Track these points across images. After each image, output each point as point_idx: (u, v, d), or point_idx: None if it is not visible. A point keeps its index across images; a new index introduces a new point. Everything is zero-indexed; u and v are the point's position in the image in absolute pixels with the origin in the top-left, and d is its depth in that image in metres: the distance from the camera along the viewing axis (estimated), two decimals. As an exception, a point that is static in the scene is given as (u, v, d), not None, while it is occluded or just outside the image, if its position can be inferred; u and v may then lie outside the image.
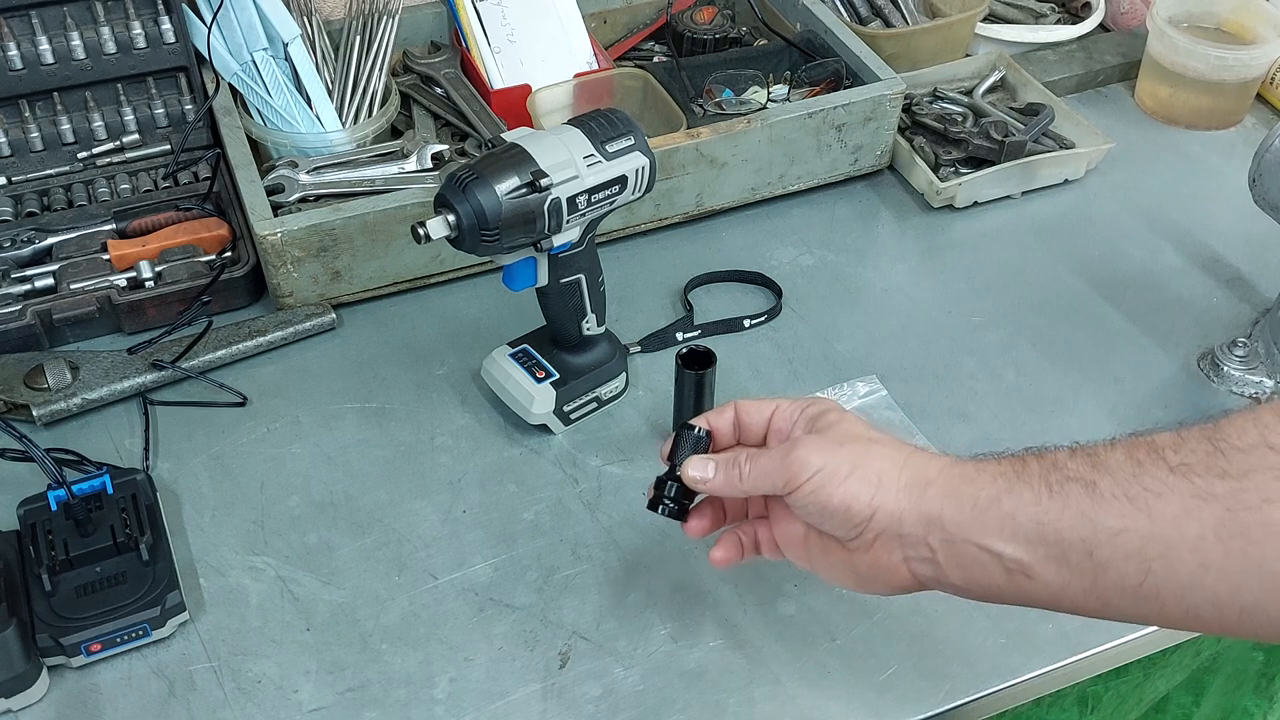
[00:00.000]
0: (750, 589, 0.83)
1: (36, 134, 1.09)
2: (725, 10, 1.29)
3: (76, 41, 1.06)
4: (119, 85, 1.10)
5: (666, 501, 0.71)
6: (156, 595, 0.77)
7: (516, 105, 1.13)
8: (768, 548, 0.71)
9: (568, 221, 0.82)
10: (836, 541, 0.65)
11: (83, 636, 0.75)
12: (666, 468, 0.71)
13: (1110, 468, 0.55)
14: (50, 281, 0.99)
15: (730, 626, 0.80)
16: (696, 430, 0.70)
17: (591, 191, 0.82)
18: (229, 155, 1.04)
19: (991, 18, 1.33)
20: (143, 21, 1.07)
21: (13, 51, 1.04)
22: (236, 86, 1.10)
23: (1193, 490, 0.52)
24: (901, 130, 1.19)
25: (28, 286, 0.99)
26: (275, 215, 0.97)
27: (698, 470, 0.68)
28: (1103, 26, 1.38)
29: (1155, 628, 0.81)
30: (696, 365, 0.86)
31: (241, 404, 0.95)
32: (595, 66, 1.19)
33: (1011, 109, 1.23)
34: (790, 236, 1.12)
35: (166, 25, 1.08)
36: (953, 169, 1.17)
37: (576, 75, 1.16)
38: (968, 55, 1.30)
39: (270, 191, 1.01)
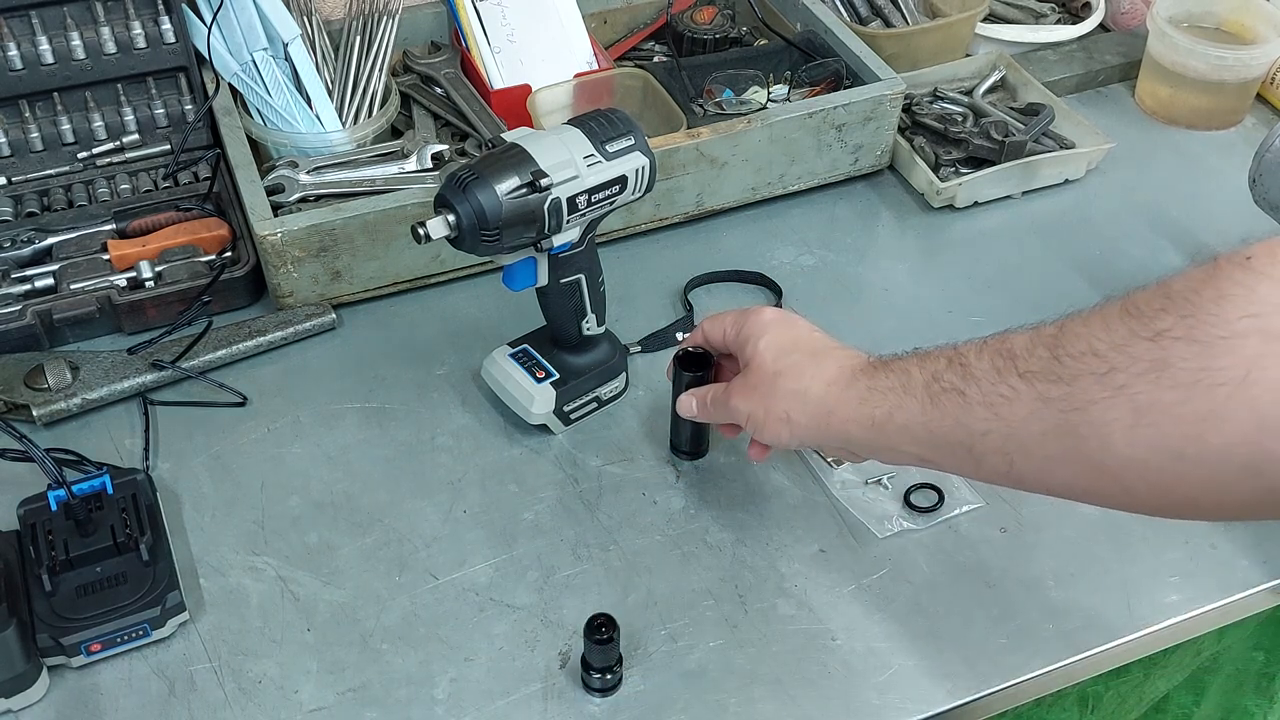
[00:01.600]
0: (750, 589, 0.83)
1: (36, 134, 1.09)
2: (725, 10, 1.29)
3: (76, 41, 1.06)
4: (119, 85, 1.10)
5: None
6: (157, 595, 0.77)
7: (516, 105, 1.13)
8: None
9: (568, 221, 0.82)
10: None
11: (83, 636, 0.75)
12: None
13: (976, 377, 0.64)
14: (50, 281, 0.99)
15: (730, 626, 0.80)
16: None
17: (591, 191, 0.82)
18: (229, 155, 1.04)
19: (991, 18, 1.32)
20: (143, 21, 1.07)
21: (13, 51, 1.04)
22: (236, 86, 1.10)
23: (1035, 394, 0.60)
24: (902, 130, 1.19)
25: (28, 286, 0.99)
26: (275, 215, 0.97)
27: (684, 409, 0.85)
28: (1103, 26, 1.38)
29: (1158, 625, 0.81)
30: (693, 367, 0.86)
31: (241, 404, 0.95)
32: (595, 66, 1.19)
33: (1011, 109, 1.23)
34: (790, 236, 1.12)
35: (166, 25, 1.08)
36: (953, 169, 1.17)
37: (576, 75, 1.16)
38: (968, 55, 1.30)
39: (270, 191, 1.01)
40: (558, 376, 0.91)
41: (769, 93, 1.15)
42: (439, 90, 1.19)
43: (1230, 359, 0.53)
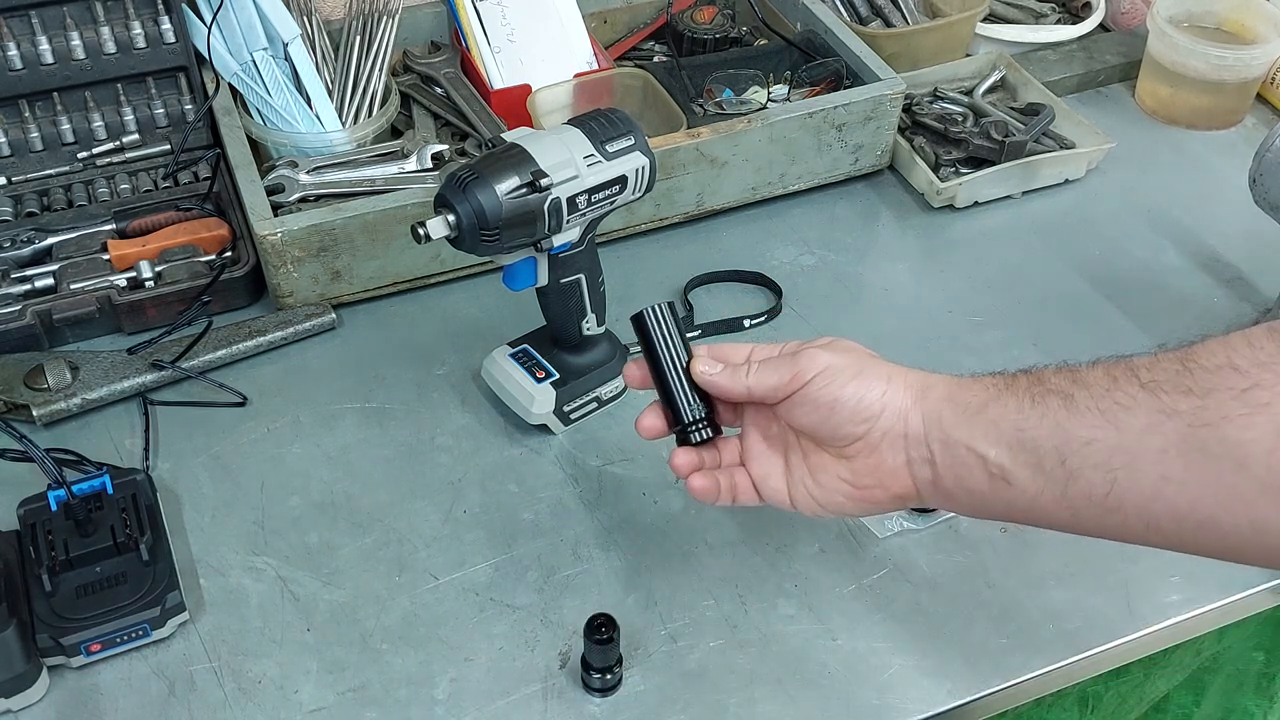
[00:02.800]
0: (750, 589, 0.83)
1: (36, 134, 1.09)
2: (725, 10, 1.29)
3: (76, 41, 1.06)
4: (119, 85, 1.10)
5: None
6: (156, 595, 0.77)
7: (516, 105, 1.13)
8: (745, 493, 0.71)
9: (568, 221, 0.82)
10: (831, 455, 0.66)
11: (83, 636, 0.75)
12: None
13: (1088, 383, 0.58)
14: (50, 281, 0.99)
15: (730, 626, 0.80)
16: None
17: (591, 191, 0.82)
18: (229, 155, 1.04)
19: (992, 17, 1.32)
20: (143, 21, 1.07)
21: (13, 51, 1.04)
22: (236, 86, 1.10)
23: (1159, 406, 0.54)
24: (902, 130, 1.19)
25: (28, 286, 0.99)
26: (275, 215, 0.97)
27: (705, 365, 0.70)
28: (1103, 26, 1.38)
29: (1159, 624, 0.81)
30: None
31: (241, 404, 0.95)
32: (595, 66, 1.19)
33: (1012, 109, 1.23)
34: (790, 236, 1.12)
35: (166, 25, 1.08)
36: (953, 169, 1.17)
37: (576, 75, 1.16)
38: (968, 55, 1.30)
39: (270, 191, 1.01)
40: (558, 376, 0.91)
41: (769, 93, 1.15)
42: (439, 90, 1.19)
43: None
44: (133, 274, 1.00)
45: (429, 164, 1.09)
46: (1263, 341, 0.53)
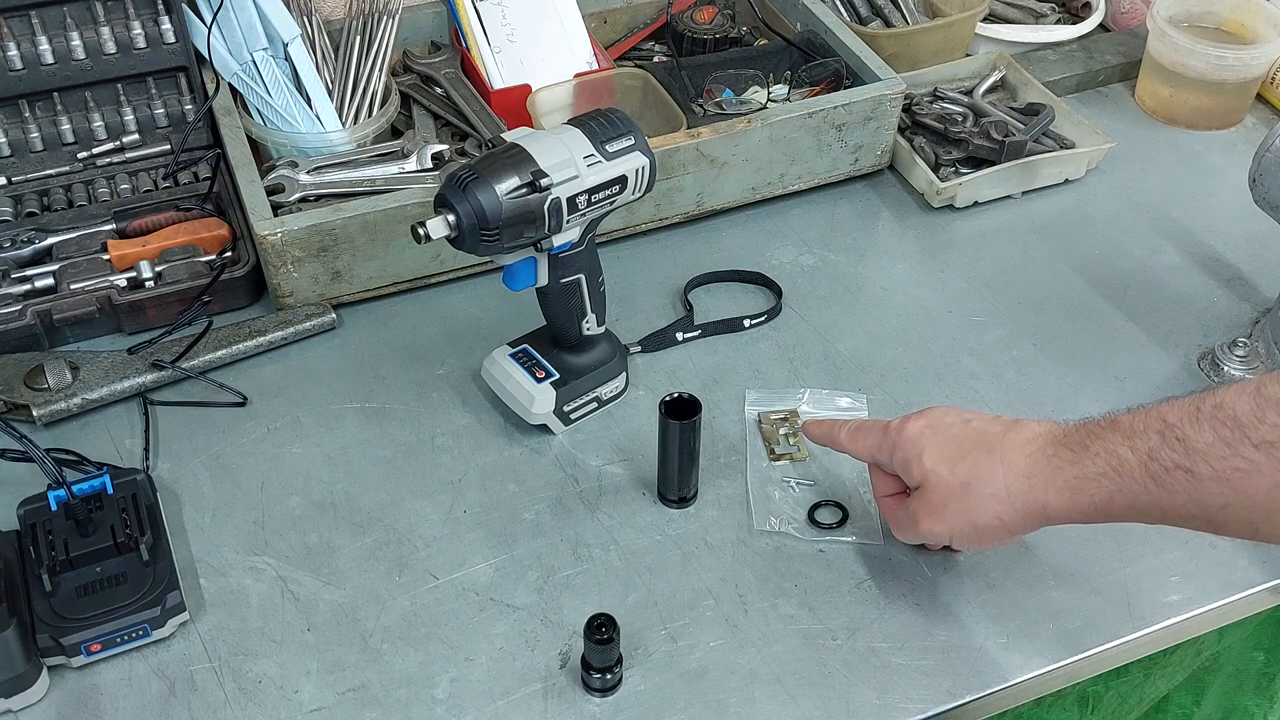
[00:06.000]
0: (750, 589, 0.83)
1: (36, 134, 1.09)
2: (725, 10, 1.29)
3: (76, 41, 1.06)
4: (119, 85, 1.10)
5: None
6: (157, 595, 0.77)
7: (516, 105, 1.13)
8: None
9: (568, 221, 0.82)
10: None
11: (83, 636, 0.75)
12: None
13: (1201, 451, 0.61)
14: (50, 281, 0.99)
15: (730, 626, 0.80)
16: None
17: (591, 191, 0.82)
18: (229, 155, 1.04)
19: (991, 18, 1.33)
20: (143, 21, 1.07)
21: (13, 51, 1.04)
22: (236, 86, 1.10)
23: (1277, 465, 0.58)
24: (902, 130, 1.19)
25: (28, 286, 0.99)
26: (275, 215, 0.97)
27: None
28: (1103, 26, 1.38)
29: (1159, 624, 0.81)
30: (681, 414, 0.82)
31: (241, 404, 0.95)
32: (595, 66, 1.19)
33: (1011, 109, 1.23)
34: (790, 236, 1.12)
35: (166, 25, 1.08)
36: (953, 169, 1.17)
37: (576, 75, 1.16)
38: (968, 55, 1.30)
39: (270, 191, 1.01)
40: (558, 376, 0.91)
41: (769, 93, 1.15)
42: (439, 90, 1.19)
43: None
44: (133, 274, 1.00)
45: (429, 164, 1.09)
46: None
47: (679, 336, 1.01)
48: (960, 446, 0.72)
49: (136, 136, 1.12)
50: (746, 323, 1.02)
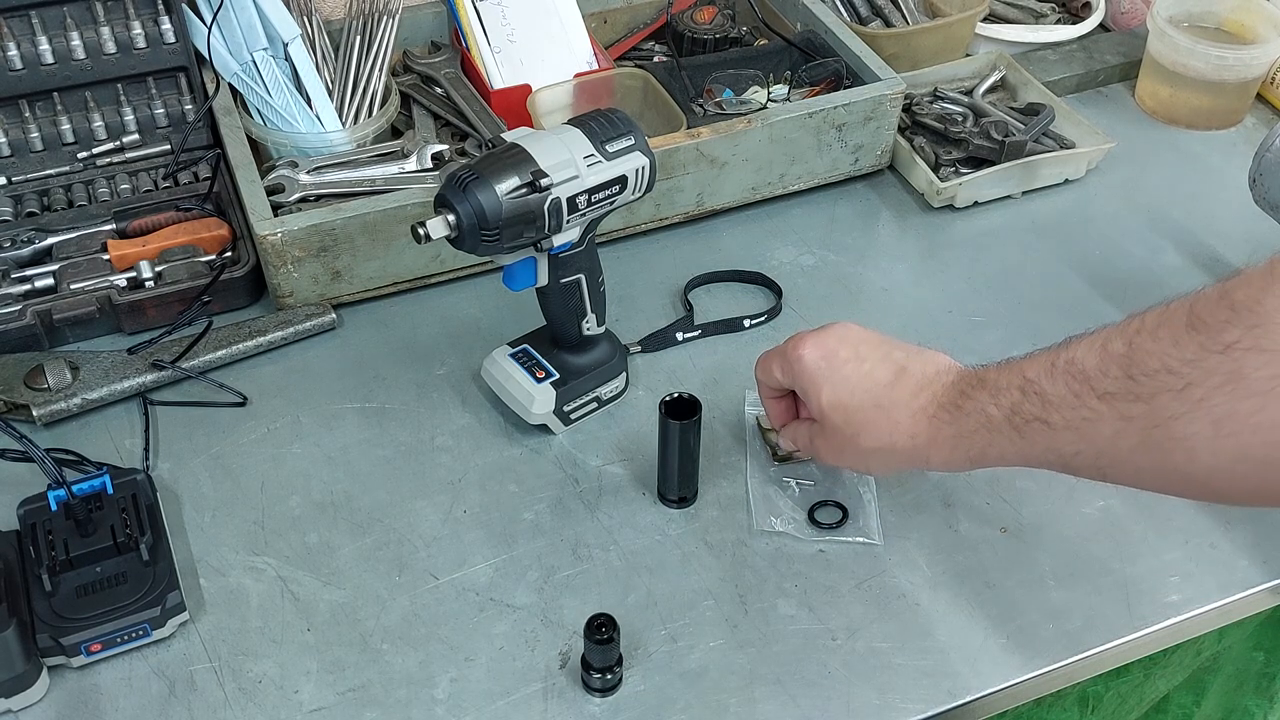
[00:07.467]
0: (750, 589, 0.83)
1: (36, 134, 1.09)
2: (725, 10, 1.29)
3: (76, 41, 1.06)
4: (119, 85, 1.10)
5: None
6: (157, 595, 0.77)
7: (516, 105, 1.13)
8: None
9: (568, 221, 0.82)
10: None
11: (83, 636, 0.75)
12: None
13: (1055, 403, 0.66)
14: (50, 281, 0.99)
15: (730, 626, 0.80)
16: None
17: (591, 191, 0.82)
18: (229, 155, 1.04)
19: (991, 18, 1.32)
20: (143, 21, 1.07)
21: (13, 51, 1.04)
22: (236, 86, 1.10)
23: (1117, 414, 0.62)
24: (902, 130, 1.19)
25: (28, 286, 0.99)
26: (275, 215, 0.97)
27: (786, 446, 0.88)
28: (1103, 26, 1.38)
29: (1159, 624, 0.81)
30: (681, 414, 0.82)
31: (241, 404, 0.95)
32: (595, 66, 1.19)
33: (1012, 109, 1.23)
34: (790, 236, 1.12)
35: (166, 25, 1.08)
36: (953, 169, 1.17)
37: (576, 75, 1.16)
38: (968, 55, 1.30)
39: (270, 191, 1.01)
40: (558, 376, 0.91)
41: (769, 93, 1.15)
42: (439, 90, 1.19)
43: None
44: (133, 274, 1.00)
45: (429, 164, 1.09)
46: (1184, 339, 0.59)
47: (679, 336, 1.01)
48: (854, 395, 0.78)
49: (136, 136, 1.12)
50: (746, 323, 1.02)
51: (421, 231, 0.78)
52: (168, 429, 0.93)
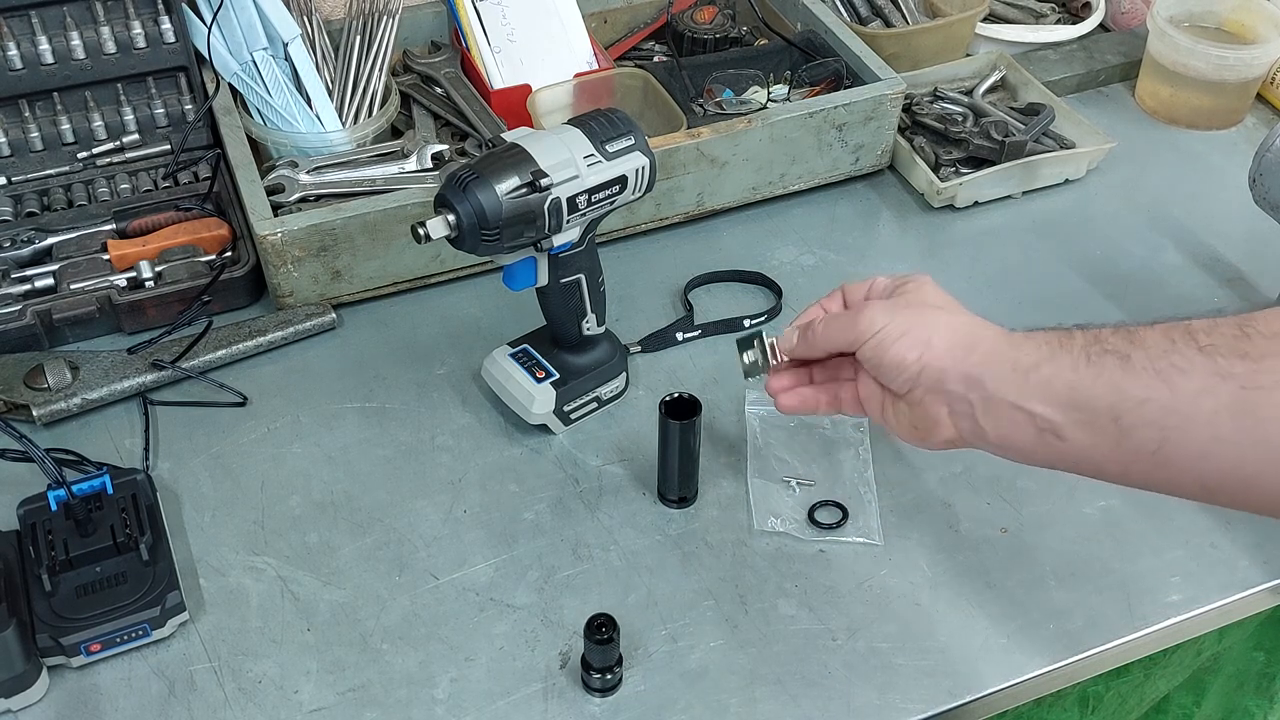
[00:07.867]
0: (750, 589, 0.83)
1: (36, 134, 1.09)
2: (725, 10, 1.29)
3: (76, 41, 1.06)
4: (119, 85, 1.10)
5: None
6: (156, 595, 0.77)
7: (516, 105, 1.13)
8: (850, 404, 0.76)
9: (568, 221, 0.82)
10: (898, 395, 0.71)
11: (83, 636, 0.75)
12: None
13: (1145, 344, 0.60)
14: (50, 281, 0.99)
15: (730, 626, 0.80)
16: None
17: (591, 191, 0.82)
18: (229, 155, 1.04)
19: (992, 18, 1.32)
20: (143, 21, 1.07)
21: (13, 51, 1.04)
22: (236, 86, 1.10)
23: (1214, 369, 0.56)
24: (902, 130, 1.19)
25: (28, 286, 0.99)
26: (275, 215, 0.97)
27: (786, 341, 0.77)
28: (1103, 26, 1.38)
29: (1159, 624, 0.81)
30: (681, 414, 0.82)
31: (241, 404, 0.95)
32: (595, 66, 1.19)
33: (1012, 109, 1.23)
34: (791, 236, 1.12)
35: (166, 25, 1.08)
36: (953, 169, 1.17)
37: (576, 75, 1.16)
38: (968, 55, 1.30)
39: (270, 191, 1.01)
40: (558, 376, 0.91)
41: (769, 93, 1.15)
42: (439, 90, 1.19)
43: None
44: (133, 274, 1.00)
45: (429, 164, 1.09)
46: None
47: (679, 336, 1.01)
48: (911, 318, 0.70)
49: (136, 136, 1.12)
50: (747, 323, 1.02)
51: (421, 231, 0.78)
52: (168, 429, 0.93)
